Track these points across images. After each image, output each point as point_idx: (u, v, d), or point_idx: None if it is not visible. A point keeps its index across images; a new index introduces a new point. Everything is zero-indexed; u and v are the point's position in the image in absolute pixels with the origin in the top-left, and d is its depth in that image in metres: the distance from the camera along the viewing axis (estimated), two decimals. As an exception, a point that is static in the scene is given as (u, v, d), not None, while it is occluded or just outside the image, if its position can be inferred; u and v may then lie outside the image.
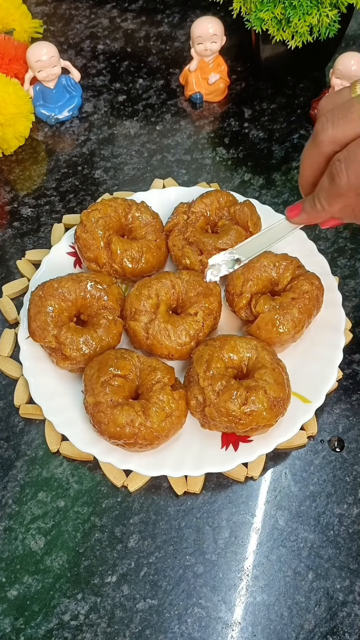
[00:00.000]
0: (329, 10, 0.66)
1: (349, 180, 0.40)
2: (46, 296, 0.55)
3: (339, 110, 0.41)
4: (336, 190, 0.42)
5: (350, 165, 0.40)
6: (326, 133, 0.41)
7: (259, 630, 0.47)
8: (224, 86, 0.78)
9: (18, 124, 0.72)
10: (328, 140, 0.41)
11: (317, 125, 0.42)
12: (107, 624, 0.47)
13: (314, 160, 0.43)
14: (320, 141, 0.42)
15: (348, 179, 0.40)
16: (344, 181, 0.41)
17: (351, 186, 0.41)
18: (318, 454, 0.54)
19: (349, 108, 0.41)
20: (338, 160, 0.41)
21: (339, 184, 0.41)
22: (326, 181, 0.42)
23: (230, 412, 0.49)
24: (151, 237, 0.61)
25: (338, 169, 0.41)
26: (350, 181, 0.40)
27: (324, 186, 0.43)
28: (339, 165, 0.41)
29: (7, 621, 0.47)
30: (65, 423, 0.53)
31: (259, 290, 0.57)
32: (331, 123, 0.41)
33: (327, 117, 0.41)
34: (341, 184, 0.41)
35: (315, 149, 0.43)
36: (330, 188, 0.42)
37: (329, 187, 0.42)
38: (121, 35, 0.86)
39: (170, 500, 0.52)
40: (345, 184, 0.41)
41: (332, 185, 0.42)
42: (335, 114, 0.41)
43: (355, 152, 0.40)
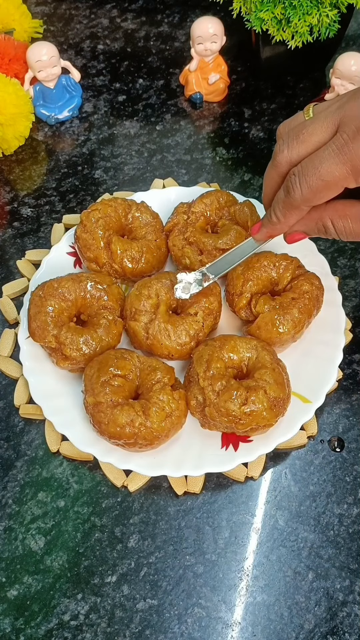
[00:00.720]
0: (329, 10, 0.66)
1: (302, 193, 0.43)
2: (46, 296, 0.55)
3: (293, 132, 0.45)
4: (290, 203, 0.45)
5: (303, 179, 0.43)
6: (282, 155, 0.45)
7: (259, 630, 0.47)
8: (224, 86, 0.78)
9: (18, 124, 0.72)
10: (284, 161, 0.45)
11: (275, 148, 0.46)
12: (107, 624, 0.47)
13: (273, 180, 0.47)
14: (277, 162, 0.46)
15: (301, 191, 0.43)
16: (297, 194, 0.44)
17: (304, 199, 0.44)
18: (318, 454, 0.54)
19: (301, 130, 0.44)
20: (293, 175, 0.44)
21: (293, 196, 0.44)
22: (282, 194, 0.46)
23: (230, 412, 0.49)
24: (151, 237, 0.61)
25: (293, 183, 0.44)
26: (303, 194, 0.43)
27: (280, 198, 0.46)
28: (294, 179, 0.44)
29: (7, 621, 0.47)
30: (65, 423, 0.53)
31: (259, 290, 0.57)
32: (286, 145, 0.45)
33: (283, 140, 0.45)
34: (295, 196, 0.44)
35: (274, 170, 0.46)
36: (285, 200, 0.45)
37: (285, 199, 0.45)
38: (121, 35, 0.86)
39: (170, 500, 0.52)
40: (299, 197, 0.44)
41: (287, 198, 0.45)
42: (289, 136, 0.45)
43: (307, 167, 0.43)
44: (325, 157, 0.41)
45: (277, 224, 0.47)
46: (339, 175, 0.41)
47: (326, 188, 0.42)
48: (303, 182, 0.43)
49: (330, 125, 0.42)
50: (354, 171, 0.41)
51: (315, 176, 0.42)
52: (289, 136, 0.45)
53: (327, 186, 0.42)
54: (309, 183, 0.42)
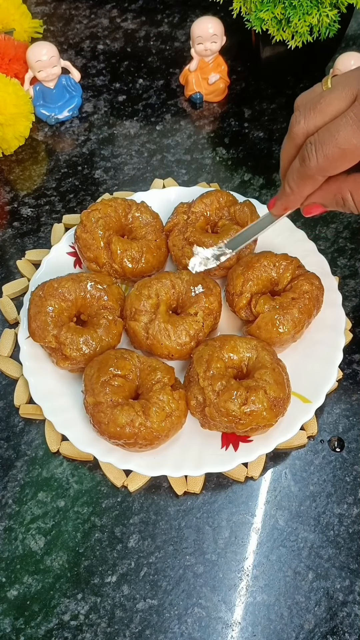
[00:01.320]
0: (329, 10, 0.66)
1: (318, 162, 0.43)
2: (46, 296, 0.55)
3: (310, 103, 0.44)
4: (305, 172, 0.44)
5: (319, 147, 0.42)
6: (299, 126, 0.44)
7: (259, 630, 0.47)
8: (224, 86, 0.78)
9: (18, 124, 0.72)
10: (301, 132, 0.44)
11: (292, 119, 0.45)
12: (107, 624, 0.47)
13: (290, 152, 0.46)
14: (294, 134, 0.45)
15: (317, 160, 0.43)
16: (313, 162, 0.43)
17: (320, 168, 0.43)
18: (318, 454, 0.54)
19: (319, 100, 0.43)
20: (310, 143, 0.43)
21: (308, 165, 0.43)
22: (297, 163, 0.45)
23: (230, 412, 0.49)
24: (151, 237, 0.61)
25: (309, 151, 0.43)
26: (319, 162, 0.43)
27: (295, 168, 0.45)
28: (310, 147, 0.43)
29: (7, 621, 0.47)
30: (65, 423, 0.53)
31: (259, 290, 0.57)
32: (303, 116, 0.44)
33: (300, 111, 0.44)
34: (310, 165, 0.43)
35: (290, 142, 0.45)
36: (300, 169, 0.44)
37: (299, 168, 0.44)
38: (121, 35, 0.86)
39: (170, 500, 0.52)
40: (314, 165, 0.43)
41: (302, 167, 0.44)
42: (306, 107, 0.44)
43: (324, 135, 0.42)
44: (343, 125, 0.41)
45: (291, 194, 0.46)
46: (357, 143, 0.41)
47: (343, 157, 0.42)
48: (319, 150, 0.42)
49: (349, 94, 0.42)
50: None
51: (332, 144, 0.41)
52: (305, 107, 0.44)
53: (343, 154, 0.41)
54: (325, 151, 0.42)
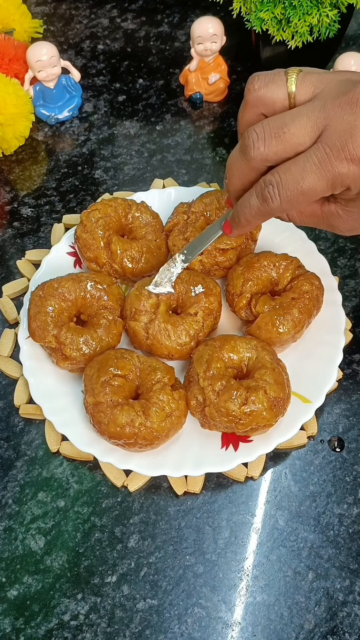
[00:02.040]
0: (329, 10, 0.66)
1: (281, 204, 0.41)
2: (46, 296, 0.55)
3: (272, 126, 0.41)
4: (265, 211, 0.43)
5: (282, 191, 0.41)
6: (258, 151, 0.42)
7: (259, 630, 0.47)
8: (224, 86, 0.78)
9: (18, 124, 0.72)
10: (259, 158, 0.42)
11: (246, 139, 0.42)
12: (107, 624, 0.47)
13: (243, 173, 0.44)
14: (252, 157, 0.42)
15: (280, 202, 0.41)
16: (275, 204, 0.42)
17: (281, 209, 0.42)
18: (318, 454, 0.54)
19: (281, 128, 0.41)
20: (271, 185, 0.41)
21: (270, 206, 0.42)
22: (255, 201, 0.43)
23: (230, 412, 0.49)
24: (151, 237, 0.61)
25: (271, 193, 0.41)
26: (281, 205, 0.41)
27: (253, 205, 0.43)
28: (272, 190, 0.41)
29: (7, 621, 0.47)
30: (65, 423, 0.53)
31: (259, 290, 0.57)
32: (263, 142, 0.41)
33: (258, 134, 0.41)
34: (272, 206, 0.42)
35: (245, 164, 0.43)
36: (260, 208, 0.43)
37: (260, 207, 0.43)
38: (121, 35, 0.86)
39: (170, 500, 0.52)
40: (277, 207, 0.42)
41: (263, 206, 0.43)
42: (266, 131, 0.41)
43: (287, 179, 0.41)
44: (307, 171, 0.40)
45: (247, 226, 0.46)
46: (319, 189, 0.40)
47: (304, 199, 0.41)
48: (283, 193, 0.41)
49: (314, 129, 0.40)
50: (332, 185, 0.40)
51: (296, 189, 0.41)
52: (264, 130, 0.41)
53: (305, 198, 0.41)
54: (289, 195, 0.41)
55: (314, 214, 0.45)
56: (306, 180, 0.40)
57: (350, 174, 0.39)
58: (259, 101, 0.43)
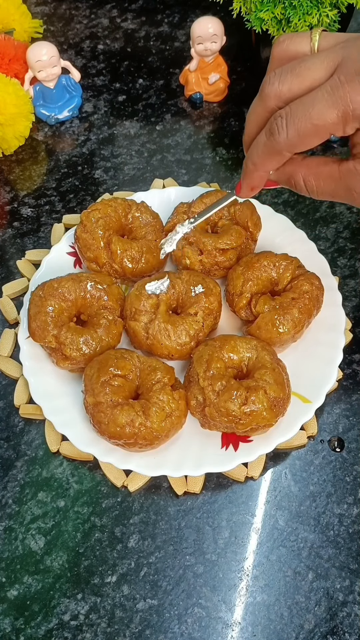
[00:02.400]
0: (329, 10, 0.66)
1: (288, 136, 0.40)
2: (46, 296, 0.55)
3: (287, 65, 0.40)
4: (272, 146, 0.41)
5: (291, 121, 0.39)
6: (272, 87, 0.41)
7: (259, 630, 0.47)
8: (224, 86, 0.78)
9: (18, 124, 0.72)
10: (273, 94, 0.41)
11: (265, 78, 0.41)
12: (107, 624, 0.47)
13: (259, 116, 0.43)
14: (266, 95, 0.41)
15: (287, 134, 0.40)
16: (282, 137, 0.40)
17: (289, 143, 0.40)
18: (318, 454, 0.54)
19: (299, 63, 0.40)
20: (280, 117, 0.40)
21: (277, 139, 0.40)
22: (262, 137, 0.41)
23: (230, 412, 0.49)
24: (151, 237, 0.61)
25: (279, 125, 0.40)
26: (288, 138, 0.40)
27: (260, 142, 0.42)
28: (280, 121, 0.40)
29: (7, 621, 0.47)
30: (65, 423, 0.53)
31: (259, 290, 0.57)
32: (278, 77, 0.41)
33: (276, 72, 0.41)
34: (279, 139, 0.40)
35: (260, 104, 0.42)
36: (267, 143, 0.41)
37: (266, 142, 0.41)
38: (121, 35, 0.86)
39: (170, 500, 0.52)
40: (283, 140, 0.40)
41: (270, 140, 0.41)
42: (283, 68, 0.40)
43: (297, 109, 0.39)
44: (318, 99, 0.38)
45: (255, 171, 0.43)
46: (330, 120, 0.38)
47: (314, 133, 0.39)
48: (291, 124, 0.39)
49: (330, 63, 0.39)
50: (344, 117, 0.38)
51: (305, 118, 0.38)
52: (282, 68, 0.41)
53: (316, 131, 0.39)
54: (298, 126, 0.39)
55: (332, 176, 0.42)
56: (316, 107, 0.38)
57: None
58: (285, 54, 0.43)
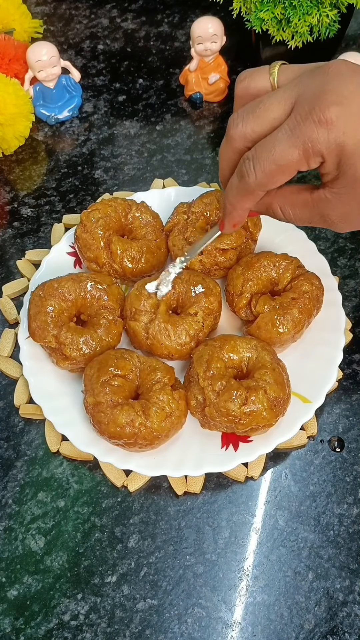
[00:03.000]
0: (329, 10, 0.66)
1: (257, 178, 0.41)
2: (46, 296, 0.55)
3: (248, 106, 0.42)
4: (245, 188, 0.42)
5: (257, 163, 0.41)
6: (237, 129, 0.42)
7: (259, 630, 0.47)
8: (224, 86, 0.78)
9: (18, 124, 0.72)
10: (238, 136, 0.42)
11: (229, 120, 0.43)
12: (107, 624, 0.47)
13: (229, 158, 0.44)
14: (231, 137, 0.43)
15: (256, 176, 0.41)
16: (252, 179, 0.41)
17: (259, 184, 0.42)
18: (318, 454, 0.54)
19: (258, 104, 0.41)
20: (247, 159, 0.41)
21: (247, 181, 0.42)
22: (235, 179, 0.43)
23: (230, 412, 0.49)
24: (151, 237, 0.61)
25: (247, 168, 0.41)
26: (257, 179, 0.41)
27: (234, 184, 0.44)
28: (248, 164, 0.41)
29: (7, 621, 0.47)
30: (65, 423, 0.53)
31: (259, 290, 0.57)
32: (241, 119, 0.42)
33: (238, 113, 0.42)
34: (249, 181, 0.42)
35: (228, 146, 0.44)
36: (239, 186, 0.43)
37: (238, 184, 0.43)
38: (121, 35, 0.86)
39: (170, 500, 0.52)
40: (253, 182, 0.42)
41: (242, 183, 0.42)
42: (245, 109, 0.42)
43: (261, 151, 0.41)
44: (279, 140, 0.40)
45: (234, 210, 0.45)
46: (292, 159, 0.40)
47: (280, 172, 0.41)
48: (257, 166, 0.41)
49: (287, 102, 0.40)
50: (305, 154, 0.39)
51: (270, 160, 0.40)
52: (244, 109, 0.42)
53: (281, 170, 0.40)
54: (264, 167, 0.41)
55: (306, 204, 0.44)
56: (277, 148, 0.40)
57: (321, 138, 0.39)
58: (246, 92, 0.44)
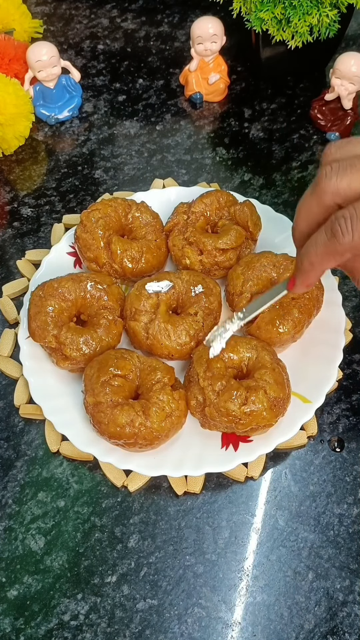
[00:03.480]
0: (329, 10, 0.66)
1: (353, 239, 0.38)
2: (46, 296, 0.55)
3: (347, 160, 0.39)
4: (335, 248, 0.39)
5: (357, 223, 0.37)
6: (330, 182, 0.39)
7: (259, 630, 0.47)
8: (224, 86, 0.78)
9: (18, 124, 0.72)
10: (331, 190, 0.39)
11: (320, 173, 0.40)
12: (107, 624, 0.47)
13: (312, 211, 0.41)
14: (321, 190, 0.39)
15: (353, 236, 0.38)
16: (347, 239, 0.38)
17: (353, 245, 0.38)
18: (318, 454, 0.54)
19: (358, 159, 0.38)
20: (343, 217, 0.38)
21: (341, 241, 0.38)
22: (324, 236, 0.39)
23: (230, 412, 0.49)
24: (151, 237, 0.61)
25: (342, 226, 0.38)
26: (354, 240, 0.38)
27: (320, 241, 0.40)
28: (344, 222, 0.38)
29: (7, 621, 0.47)
30: (65, 423, 0.53)
31: (259, 290, 0.57)
32: (336, 172, 0.39)
33: (332, 167, 0.39)
34: (344, 241, 0.38)
35: (315, 199, 0.40)
36: (328, 244, 0.39)
37: (327, 242, 0.39)
38: (121, 35, 0.86)
39: (170, 500, 0.52)
40: (348, 242, 0.38)
41: (332, 242, 0.39)
42: (342, 163, 0.39)
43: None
44: None
45: (312, 271, 0.41)
46: None
47: None
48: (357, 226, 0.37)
49: None
50: None
51: None
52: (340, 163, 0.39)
53: None
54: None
55: None
56: None
57: None
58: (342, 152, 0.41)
